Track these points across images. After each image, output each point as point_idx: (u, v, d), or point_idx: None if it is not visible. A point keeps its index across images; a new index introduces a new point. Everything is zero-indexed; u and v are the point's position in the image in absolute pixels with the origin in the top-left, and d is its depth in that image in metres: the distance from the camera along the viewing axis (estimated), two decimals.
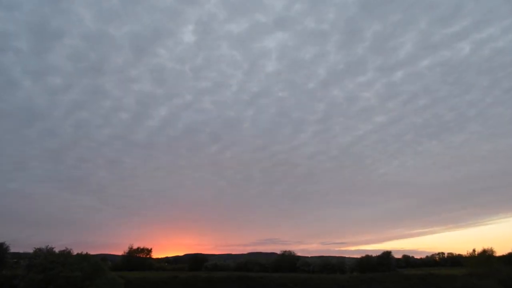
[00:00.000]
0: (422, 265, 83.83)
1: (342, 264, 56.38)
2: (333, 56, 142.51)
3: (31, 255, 29.27)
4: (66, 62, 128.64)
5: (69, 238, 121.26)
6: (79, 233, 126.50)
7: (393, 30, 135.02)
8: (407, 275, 41.80)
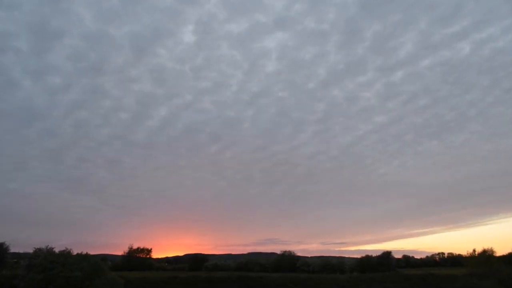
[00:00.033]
0: (422, 265, 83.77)
1: (342, 264, 56.35)
2: (333, 56, 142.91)
3: (31, 255, 29.26)
4: (66, 62, 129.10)
5: (69, 238, 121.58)
6: (79, 233, 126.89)
7: (393, 30, 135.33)
8: (407, 275, 41.78)
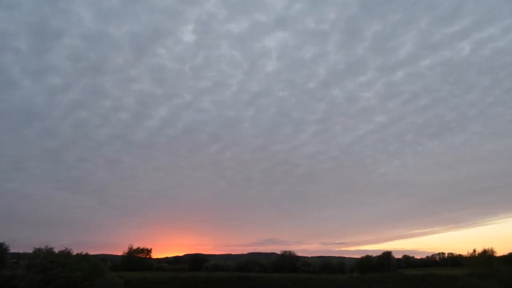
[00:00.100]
0: (423, 265, 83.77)
1: (342, 264, 56.35)
2: (333, 56, 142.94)
3: (30, 255, 29.14)
4: (66, 62, 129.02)
5: (69, 238, 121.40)
6: (79, 233, 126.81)
7: (393, 30, 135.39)
8: (407, 275, 41.75)
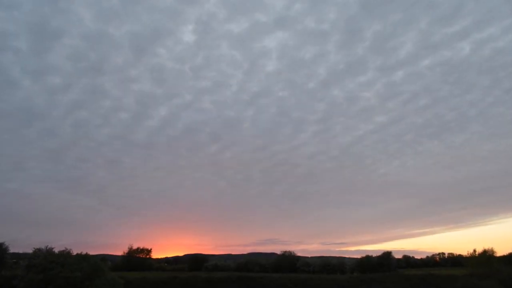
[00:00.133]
0: (423, 265, 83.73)
1: (342, 264, 56.35)
2: (333, 56, 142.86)
3: (30, 255, 29.09)
4: (66, 62, 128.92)
5: (69, 238, 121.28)
6: (78, 233, 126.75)
7: (393, 30, 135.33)
8: (407, 275, 41.73)
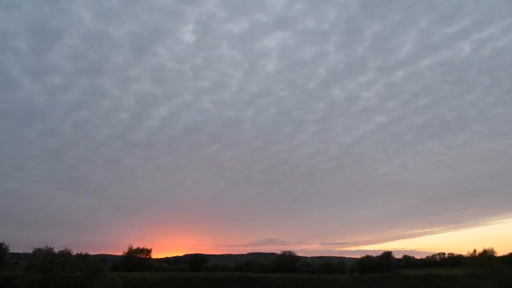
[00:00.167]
0: (423, 265, 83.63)
1: (342, 264, 56.32)
2: (333, 56, 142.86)
3: (30, 256, 29.16)
4: (66, 62, 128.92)
5: (69, 238, 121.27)
6: (78, 233, 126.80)
7: (393, 30, 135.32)
8: (407, 275, 41.73)
